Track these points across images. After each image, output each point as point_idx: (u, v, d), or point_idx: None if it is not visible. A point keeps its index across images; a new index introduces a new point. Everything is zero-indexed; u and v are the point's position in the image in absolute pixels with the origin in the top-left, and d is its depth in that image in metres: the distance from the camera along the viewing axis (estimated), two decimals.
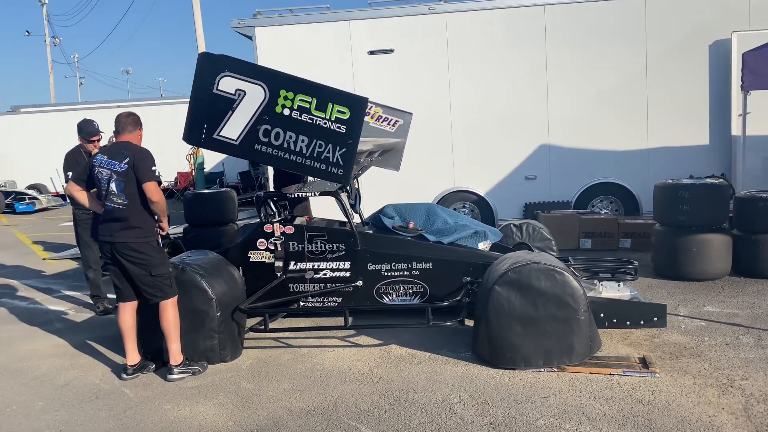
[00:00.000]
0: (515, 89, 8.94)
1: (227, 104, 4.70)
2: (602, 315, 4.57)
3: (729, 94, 8.41)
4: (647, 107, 8.78)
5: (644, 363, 4.27)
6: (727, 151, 8.64)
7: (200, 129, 4.78)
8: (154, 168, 4.37)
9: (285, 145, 4.69)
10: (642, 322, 4.60)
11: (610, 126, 8.85)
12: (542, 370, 4.21)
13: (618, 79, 8.79)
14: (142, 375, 4.56)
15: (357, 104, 4.64)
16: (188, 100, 4.89)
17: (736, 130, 8.32)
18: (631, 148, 8.85)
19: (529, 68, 8.89)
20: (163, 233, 4.56)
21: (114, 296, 4.72)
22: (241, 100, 4.67)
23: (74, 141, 6.35)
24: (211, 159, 18.26)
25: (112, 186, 4.37)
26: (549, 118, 8.93)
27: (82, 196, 4.60)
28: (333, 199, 5.46)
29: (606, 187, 9.00)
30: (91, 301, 6.53)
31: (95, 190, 4.54)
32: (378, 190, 8.41)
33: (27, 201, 18.29)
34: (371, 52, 8.98)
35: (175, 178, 19.15)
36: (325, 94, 4.64)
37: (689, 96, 8.68)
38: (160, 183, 4.93)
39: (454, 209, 9.01)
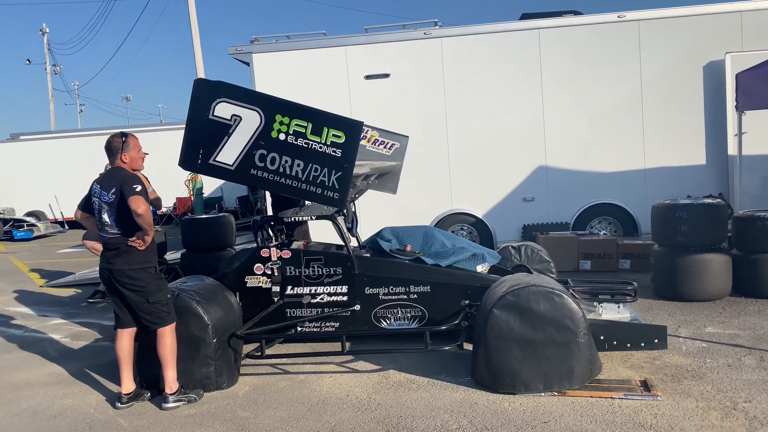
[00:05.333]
0: (511, 112, 8.99)
1: (223, 130, 4.71)
2: (602, 337, 4.53)
3: (724, 114, 8.47)
4: (643, 128, 8.82)
5: (646, 386, 4.21)
6: (724, 170, 8.66)
7: (196, 154, 4.78)
8: (135, 186, 4.21)
9: (281, 170, 4.69)
10: (642, 344, 4.55)
11: (606, 147, 8.89)
12: (542, 394, 4.15)
13: (614, 101, 8.85)
14: (136, 404, 4.49)
15: (352, 128, 4.65)
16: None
17: (732, 149, 8.36)
18: (628, 169, 8.87)
19: (525, 91, 8.95)
20: (141, 247, 4.32)
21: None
22: (237, 125, 4.68)
23: (72, 167, 6.31)
24: (210, 184, 18.30)
25: (105, 217, 4.35)
26: (546, 140, 8.96)
27: (87, 224, 4.62)
28: (330, 222, 5.44)
29: (604, 208, 9.00)
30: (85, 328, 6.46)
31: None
32: (375, 213, 8.42)
33: (25, 228, 18.24)
34: (368, 77, 9.05)
35: (174, 204, 19.14)
36: (320, 119, 4.65)
37: (685, 116, 8.74)
38: (159, 206, 4.82)
39: (452, 232, 8.99)
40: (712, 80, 8.60)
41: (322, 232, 6.84)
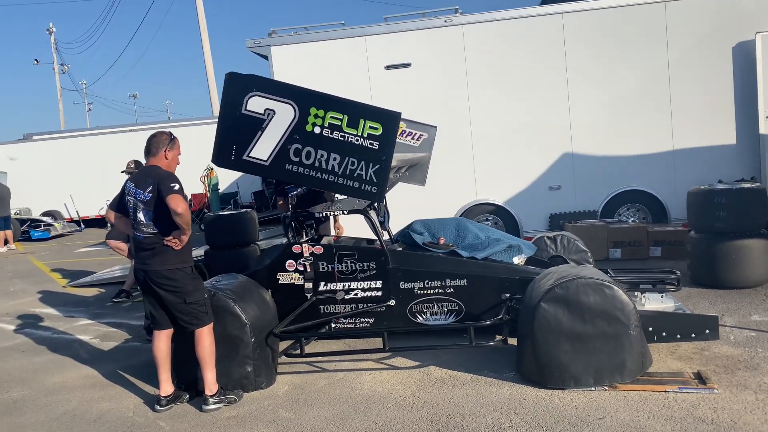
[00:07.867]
0: (535, 98, 8.81)
1: (256, 124, 4.60)
2: (651, 329, 4.40)
3: (755, 95, 8.25)
4: (671, 112, 8.62)
5: (700, 378, 4.08)
6: (756, 153, 8.45)
7: (229, 150, 4.68)
8: (173, 184, 4.14)
9: (317, 164, 4.58)
10: (693, 335, 4.42)
11: (633, 133, 8.69)
12: (593, 389, 4.04)
13: (640, 85, 8.65)
14: (176, 406, 4.42)
15: (389, 119, 4.53)
16: (197, 122, 4.83)
17: (764, 130, 8.15)
18: (656, 154, 8.68)
19: (549, 76, 8.76)
20: (177, 247, 4.24)
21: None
22: (271, 119, 4.57)
23: (86, 166, 6.21)
24: (225, 180, 18.19)
25: (140, 215, 4.25)
26: (571, 127, 8.78)
27: (119, 223, 4.53)
28: (354, 216, 5.32)
29: (632, 195, 8.82)
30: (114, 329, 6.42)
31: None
32: (399, 205, 8.28)
33: (42, 228, 18.25)
34: (388, 67, 8.89)
35: (189, 200, 19.08)
36: (356, 111, 4.53)
37: (714, 99, 8.52)
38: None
39: (477, 222, 8.85)
40: (742, 61, 8.37)
41: (346, 226, 6.73)
